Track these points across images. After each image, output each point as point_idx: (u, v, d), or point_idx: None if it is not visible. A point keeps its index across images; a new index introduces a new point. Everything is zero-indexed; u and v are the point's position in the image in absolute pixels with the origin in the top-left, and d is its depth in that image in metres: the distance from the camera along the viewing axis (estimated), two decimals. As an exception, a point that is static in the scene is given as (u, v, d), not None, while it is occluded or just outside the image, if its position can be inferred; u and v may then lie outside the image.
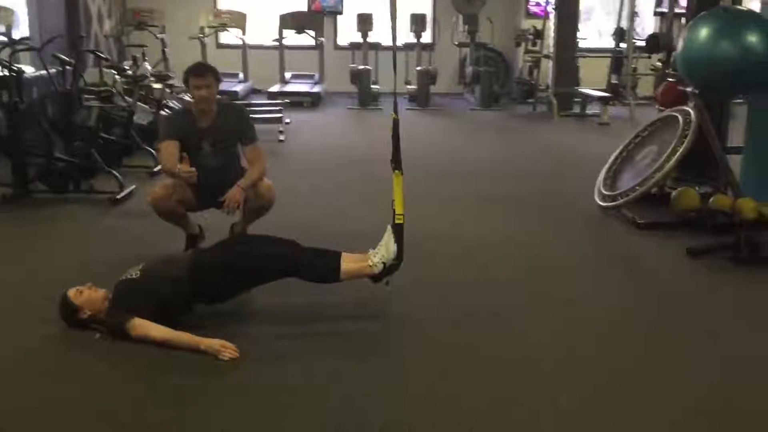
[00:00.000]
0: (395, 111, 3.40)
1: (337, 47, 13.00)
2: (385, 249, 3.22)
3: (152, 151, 6.51)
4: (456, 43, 12.20)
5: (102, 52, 6.08)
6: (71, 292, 3.17)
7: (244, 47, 11.92)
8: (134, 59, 7.14)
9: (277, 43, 11.89)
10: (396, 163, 3.31)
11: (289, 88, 11.65)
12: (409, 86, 11.70)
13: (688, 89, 5.02)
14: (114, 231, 4.73)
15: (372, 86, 11.14)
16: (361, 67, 11.21)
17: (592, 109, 10.28)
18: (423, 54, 11.96)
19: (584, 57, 10.93)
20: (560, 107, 10.01)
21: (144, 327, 3.04)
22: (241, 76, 12.19)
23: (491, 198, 5.69)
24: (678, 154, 4.69)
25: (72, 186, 5.32)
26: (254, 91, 12.15)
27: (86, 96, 5.68)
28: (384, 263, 3.21)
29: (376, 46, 12.08)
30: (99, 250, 4.33)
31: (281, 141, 8.03)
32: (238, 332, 3.14)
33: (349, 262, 3.25)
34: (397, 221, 3.24)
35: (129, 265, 3.94)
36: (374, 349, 3.09)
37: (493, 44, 12.28)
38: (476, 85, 11.20)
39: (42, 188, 5.35)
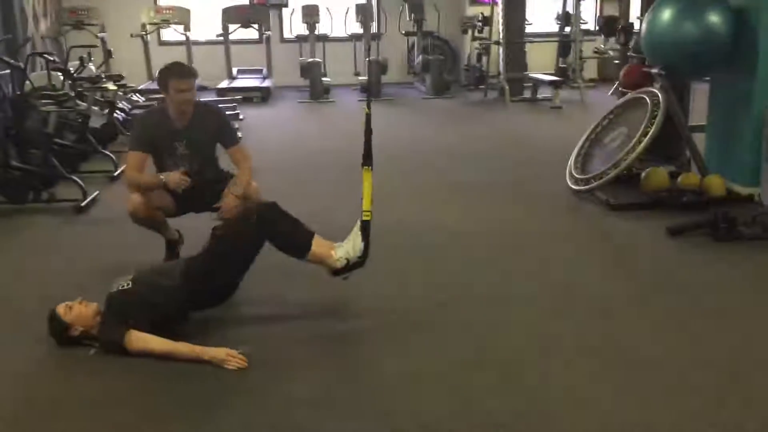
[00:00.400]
0: (368, 106, 3.32)
1: (283, 40, 12.83)
2: (351, 246, 3.17)
3: (110, 155, 6.30)
4: (403, 32, 12.18)
5: (52, 54, 5.82)
6: (60, 309, 3.03)
7: (188, 44, 11.65)
8: (81, 60, 6.86)
9: (222, 39, 11.67)
10: (366, 158, 3.22)
11: (238, 83, 11.46)
12: (359, 77, 11.63)
13: (653, 71, 5.10)
14: (85, 239, 4.54)
15: (323, 79, 11.03)
16: (311, 59, 11.08)
17: (543, 93, 10.40)
18: (370, 45, 11.92)
19: (531, 42, 11.03)
20: (512, 92, 10.08)
21: (142, 340, 2.92)
22: (186, 73, 11.91)
23: (462, 186, 5.69)
24: (649, 135, 4.76)
25: (32, 196, 5.10)
26: (200, 88, 11.90)
27: (43, 101, 5.44)
28: (347, 259, 3.16)
29: (323, 38, 11.97)
30: (73, 260, 4.16)
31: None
32: (235, 337, 3.06)
33: (318, 246, 3.20)
34: (364, 218, 3.18)
35: (108, 273, 3.84)
36: (381, 347, 3.04)
37: (439, 32, 12.31)
38: (426, 73, 11.20)
39: (-1, 199, 5.12)
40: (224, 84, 11.24)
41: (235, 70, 11.99)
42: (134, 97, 8.70)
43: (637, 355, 2.90)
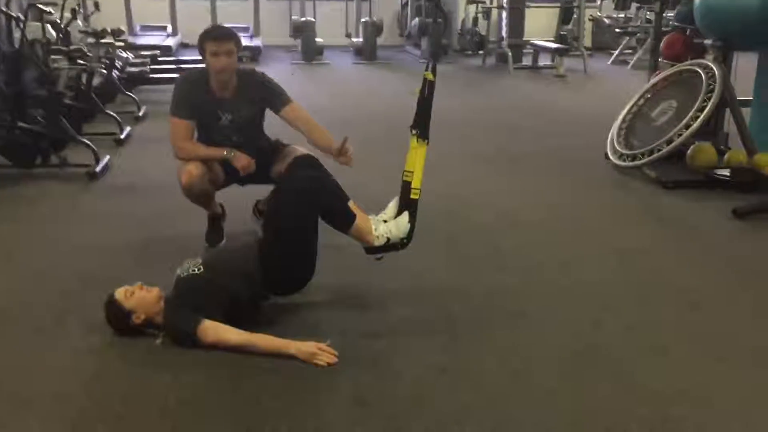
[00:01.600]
0: (433, 70, 2.93)
1: (267, -3, 12.31)
2: (395, 225, 2.90)
3: (115, 116, 5.87)
4: (397, -8, 11.80)
5: (47, 5, 5.34)
6: (120, 294, 2.70)
7: (171, -2, 11.11)
8: (73, 12, 6.36)
9: (208, -6, 11.14)
10: (421, 130, 2.91)
11: (225, 42, 10.94)
12: (353, 39, 11.22)
13: (707, 41, 4.87)
14: (107, 209, 4.17)
15: (316, 39, 10.60)
16: (304, 19, 10.63)
17: (542, 61, 10.16)
18: (362, 5, 11.51)
19: (529, 7, 10.74)
20: (513, 59, 9.82)
21: (218, 330, 2.61)
22: (169, 29, 11.36)
23: (495, 158, 5.44)
24: (706, 110, 4.54)
25: (40, 159, 4.68)
26: (183, 46, 11.37)
27: (53, 57, 4.97)
28: (388, 238, 2.90)
29: (314, -3, 11.52)
30: (101, 232, 3.79)
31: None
32: (302, 329, 2.77)
33: (360, 219, 2.92)
34: (413, 196, 2.90)
35: (141, 248, 3.56)
36: (480, 338, 2.78)
37: (433, -6, 11.92)
38: (422, 37, 10.85)
39: (4, 163, 4.69)
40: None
41: (220, 28, 11.46)
42: (124, 54, 8.18)
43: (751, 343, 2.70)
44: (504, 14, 9.80)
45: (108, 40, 6.15)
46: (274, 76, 3.54)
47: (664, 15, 5.95)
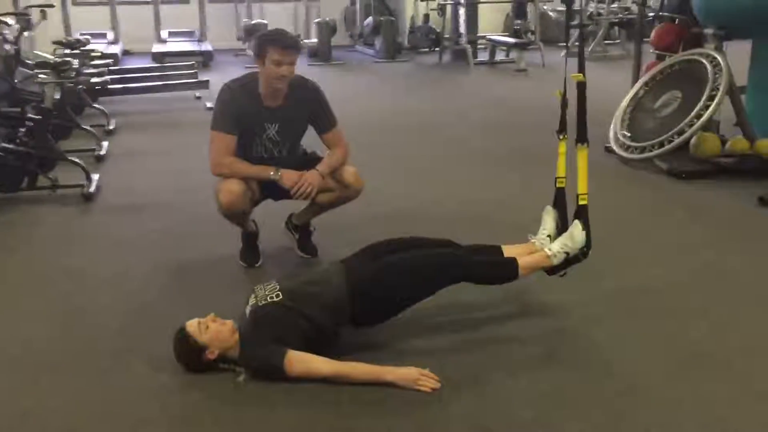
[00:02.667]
0: (582, 72, 2.81)
1: (211, 0, 11.89)
2: (570, 238, 2.73)
3: (92, 130, 5.51)
4: (344, -8, 11.61)
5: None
6: (192, 327, 2.46)
7: (112, 2, 10.60)
8: (27, 22, 5.94)
9: (151, -3, 10.69)
10: (581, 133, 2.80)
11: (172, 47, 10.52)
12: (305, 41, 10.97)
13: (707, 31, 4.91)
14: (115, 234, 3.84)
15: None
16: (255, 21, 10.33)
17: (499, 56, 10.18)
18: (311, 5, 11.29)
19: (481, 3, 10.73)
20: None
21: (306, 361, 2.41)
22: (110, 36, 10.85)
23: (492, 156, 5.36)
24: (716, 100, 4.56)
25: (27, 182, 4.32)
26: (125, 53, 10.86)
27: (39, 71, 4.58)
28: (567, 253, 2.73)
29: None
30: (120, 261, 3.49)
31: (210, 108, 7.13)
32: (393, 353, 2.60)
33: (521, 257, 2.77)
34: (581, 202, 2.76)
35: (170, 274, 3.32)
36: (570, 351, 2.66)
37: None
38: (376, 36, 10.70)
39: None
40: (158, 48, 10.27)
41: (165, 33, 11.02)
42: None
43: None
44: (461, 10, 9.74)
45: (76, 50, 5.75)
46: (225, 79, 3.32)
47: (647, 5, 5.99)
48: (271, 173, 3.11)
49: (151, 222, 4.00)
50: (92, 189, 4.37)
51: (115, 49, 10.05)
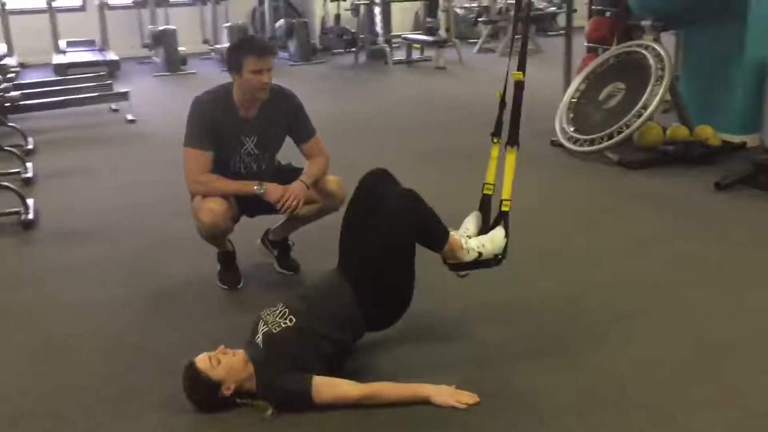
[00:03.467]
0: (523, 70, 2.69)
1: (110, 7, 11.30)
2: (490, 240, 2.58)
3: (14, 150, 5.09)
4: (251, -6, 11.31)
5: None
6: (203, 364, 2.26)
7: (3, 13, 9.90)
8: None
9: (46, 5, 10.02)
10: (512, 135, 2.65)
11: (73, 57, 9.91)
12: (216, 46, 10.60)
13: (645, 23, 5.03)
14: (69, 263, 3.54)
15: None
16: (163, 27, 9.88)
17: (415, 54, 10.17)
18: (218, 9, 10.93)
19: (394, 2, 10.68)
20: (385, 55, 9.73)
21: (332, 386, 2.27)
22: (3, 48, 10.11)
23: (445, 155, 5.31)
24: (662, 89, 4.68)
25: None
26: (21, 66, 10.16)
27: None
28: (480, 253, 2.57)
29: (163, 2, 10.73)
30: (86, 292, 3.21)
31: (131, 121, 6.77)
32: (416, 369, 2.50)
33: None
34: (504, 208, 2.62)
35: (145, 303, 3.09)
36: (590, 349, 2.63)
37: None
38: (290, 39, 10.46)
39: None
40: (60, 59, 9.66)
41: (63, 43, 10.39)
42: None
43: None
44: (376, 9, 9.66)
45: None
46: (138, 90, 3.16)
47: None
48: (255, 187, 2.93)
49: (108, 246, 3.72)
50: (31, 215, 4.01)
51: (11, 62, 9.37)
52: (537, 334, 2.73)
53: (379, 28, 9.79)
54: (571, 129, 5.08)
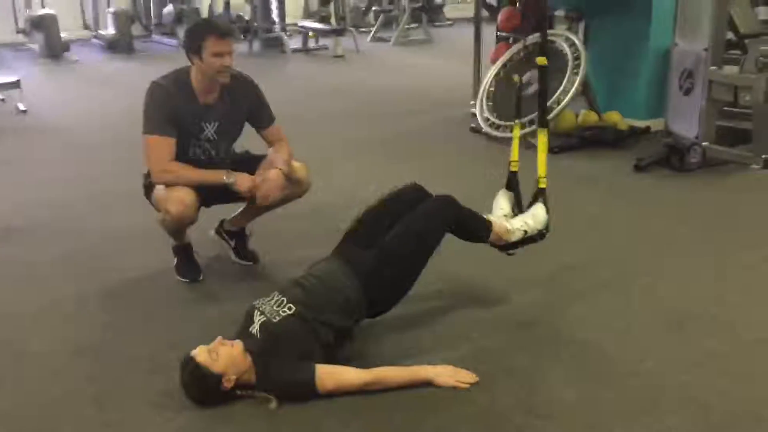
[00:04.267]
0: (544, 53, 2.99)
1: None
2: (532, 217, 2.76)
3: None
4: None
5: None
6: (203, 357, 2.19)
7: None
8: None
9: None
10: (541, 117, 2.91)
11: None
12: (100, 32, 10.08)
13: (559, 13, 5.26)
14: (10, 267, 3.31)
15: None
16: (42, 12, 9.28)
17: (310, 43, 10.12)
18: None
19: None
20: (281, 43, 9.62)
21: (335, 373, 2.26)
22: None
23: (381, 144, 5.35)
24: (580, 76, 4.91)
25: None
26: None
27: None
28: (525, 231, 2.75)
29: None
30: (25, 298, 3.01)
31: (23, 111, 6.34)
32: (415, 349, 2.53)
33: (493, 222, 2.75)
34: (540, 185, 2.82)
35: (82, 308, 2.92)
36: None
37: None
38: (178, 25, 10.10)
39: None
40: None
41: None
42: None
43: None
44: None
45: None
46: (22, 79, 3.05)
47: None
48: (224, 177, 2.84)
49: (47, 246, 3.49)
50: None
51: None
52: (515, 314, 2.81)
53: (275, 15, 9.64)
54: (493, 115, 5.24)
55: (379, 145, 5.38)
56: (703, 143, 4.60)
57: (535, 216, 2.79)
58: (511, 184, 2.95)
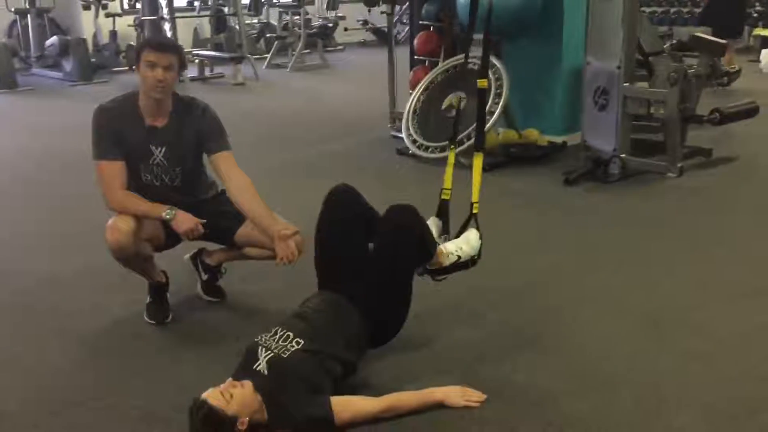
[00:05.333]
0: (484, 76, 2.93)
1: None
2: (466, 242, 2.72)
3: None
4: (12, 9, 10.22)
5: None
6: (216, 400, 2.08)
7: None
8: None
9: None
10: (478, 140, 2.86)
11: None
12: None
13: (477, 36, 5.39)
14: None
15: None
16: None
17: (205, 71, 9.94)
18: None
19: (180, 18, 10.29)
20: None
21: (350, 404, 2.23)
22: None
23: (287, 170, 5.30)
24: (504, 97, 5.08)
25: None
26: None
27: None
28: (459, 257, 2.68)
29: None
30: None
31: None
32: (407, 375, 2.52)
33: None
34: (475, 211, 2.80)
35: (43, 354, 2.78)
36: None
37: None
38: (64, 57, 9.63)
39: None
40: None
41: None
42: None
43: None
44: (167, 26, 9.26)
45: None
46: None
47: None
48: (164, 213, 2.72)
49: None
50: None
51: None
52: (496, 329, 2.86)
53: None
54: (420, 137, 5.33)
55: (304, 169, 5.34)
56: (622, 155, 4.88)
57: (469, 241, 2.74)
58: (441, 211, 2.88)
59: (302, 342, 2.26)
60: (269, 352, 2.25)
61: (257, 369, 2.23)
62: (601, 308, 3.03)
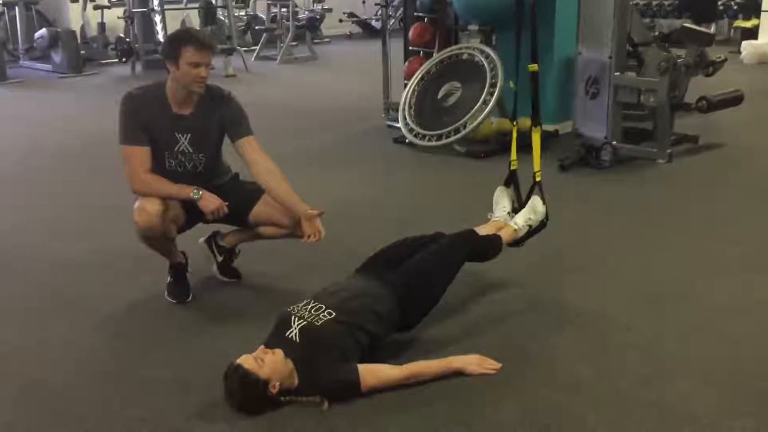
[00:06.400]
0: (535, 61, 3.34)
1: None
2: (532, 211, 3.09)
3: None
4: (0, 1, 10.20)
5: None
6: (250, 364, 2.24)
7: None
8: None
9: None
10: (534, 117, 3.31)
11: None
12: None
13: (472, 27, 5.55)
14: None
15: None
16: None
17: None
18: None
19: (171, 9, 10.31)
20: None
21: (375, 371, 2.38)
22: None
23: (312, 154, 5.41)
24: (498, 86, 5.21)
25: None
26: None
27: None
28: (530, 225, 3.07)
29: None
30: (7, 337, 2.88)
31: None
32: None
33: (491, 232, 3.01)
34: (537, 179, 3.16)
35: (65, 345, 2.85)
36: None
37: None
38: (53, 49, 9.63)
39: None
40: None
41: None
42: None
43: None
44: (157, 17, 9.29)
45: None
46: None
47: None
48: (191, 193, 2.85)
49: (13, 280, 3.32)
50: None
51: None
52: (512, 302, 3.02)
53: (160, 36, 9.42)
54: (417, 126, 5.45)
55: (306, 158, 5.44)
56: (613, 142, 5.04)
57: (535, 208, 3.11)
58: (510, 180, 3.29)
59: (334, 313, 2.40)
60: (302, 320, 2.38)
61: (289, 336, 2.36)
62: (599, 285, 3.18)
